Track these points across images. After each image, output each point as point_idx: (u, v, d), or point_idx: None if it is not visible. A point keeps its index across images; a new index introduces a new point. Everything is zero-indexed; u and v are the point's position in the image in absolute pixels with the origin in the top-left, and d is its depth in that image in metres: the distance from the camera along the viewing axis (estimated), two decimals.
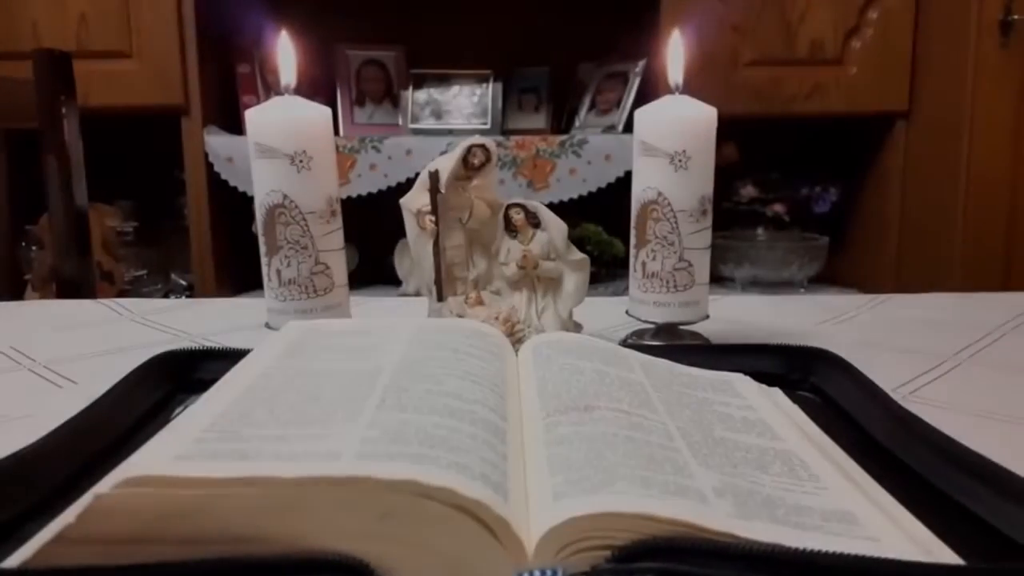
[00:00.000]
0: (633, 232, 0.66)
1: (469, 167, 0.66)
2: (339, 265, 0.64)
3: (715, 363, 0.54)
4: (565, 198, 1.81)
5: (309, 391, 0.39)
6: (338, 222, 0.64)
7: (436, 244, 0.67)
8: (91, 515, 0.29)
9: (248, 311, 0.83)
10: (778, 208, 1.91)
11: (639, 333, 0.68)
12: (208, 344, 0.73)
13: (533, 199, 0.66)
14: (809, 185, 1.92)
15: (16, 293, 1.85)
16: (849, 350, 0.69)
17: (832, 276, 1.98)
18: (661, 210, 0.64)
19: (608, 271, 1.89)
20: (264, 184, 0.62)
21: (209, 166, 1.79)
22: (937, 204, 1.72)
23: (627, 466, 0.34)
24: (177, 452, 0.32)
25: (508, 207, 0.67)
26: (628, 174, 0.64)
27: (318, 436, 0.34)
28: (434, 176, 0.65)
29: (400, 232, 0.68)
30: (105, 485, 0.30)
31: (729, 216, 1.95)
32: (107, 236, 1.83)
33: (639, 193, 0.65)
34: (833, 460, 0.40)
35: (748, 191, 1.92)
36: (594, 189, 1.82)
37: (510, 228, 0.68)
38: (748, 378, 0.52)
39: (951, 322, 0.78)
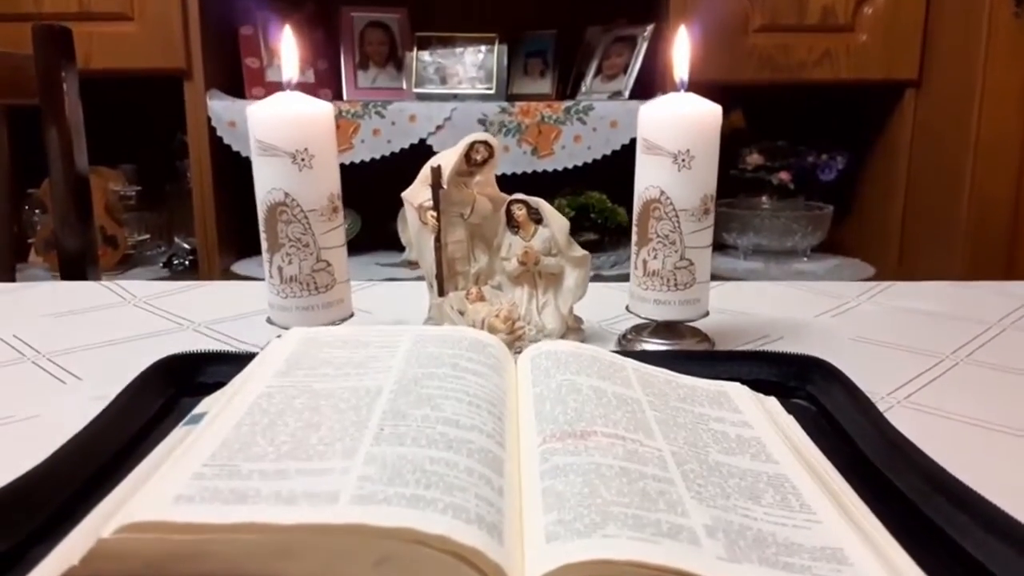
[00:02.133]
0: (635, 230, 0.66)
1: (471, 163, 0.66)
2: (341, 261, 0.64)
3: (712, 371, 0.55)
4: (570, 165, 1.80)
5: (307, 417, 0.40)
6: (339, 218, 0.64)
7: (437, 239, 0.67)
8: (94, 558, 0.30)
9: (250, 297, 0.84)
10: (784, 176, 1.90)
11: (639, 328, 0.69)
12: (211, 333, 0.73)
13: (537, 166, 0.66)
14: (815, 153, 1.90)
15: (20, 257, 1.86)
16: (846, 347, 0.69)
17: (836, 245, 1.98)
18: (663, 209, 0.63)
19: (612, 239, 1.89)
20: (265, 182, 0.62)
21: (212, 130, 1.78)
22: (944, 174, 1.70)
23: (620, 504, 0.34)
24: (177, 491, 0.32)
25: (510, 203, 0.67)
26: (634, 141, 0.63)
27: (316, 472, 0.34)
28: (436, 171, 0.65)
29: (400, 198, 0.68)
30: (108, 529, 0.30)
31: (734, 184, 1.94)
32: (110, 200, 1.83)
33: (641, 191, 0.65)
34: (825, 484, 0.41)
35: (754, 159, 1.91)
36: (599, 157, 1.80)
37: (512, 224, 0.68)
38: (744, 388, 0.52)
39: (950, 315, 0.78)
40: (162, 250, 2.00)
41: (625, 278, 0.68)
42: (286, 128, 0.60)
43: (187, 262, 1.92)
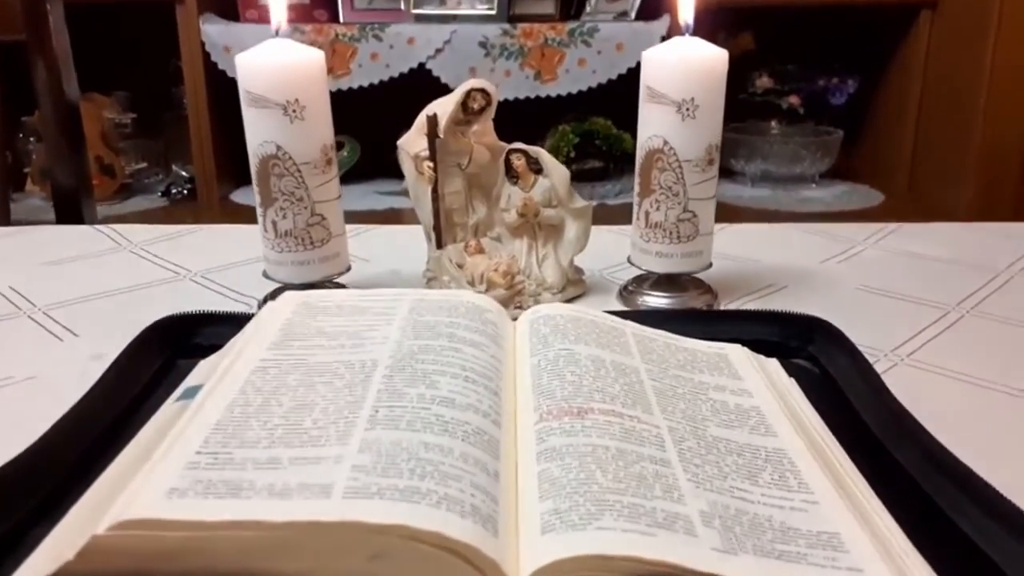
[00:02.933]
0: (637, 180, 0.64)
1: (468, 111, 0.64)
2: (336, 215, 0.63)
3: (713, 331, 0.54)
4: (574, 90, 1.76)
5: (302, 395, 0.39)
6: (333, 171, 0.62)
7: (435, 190, 0.65)
8: (87, 554, 0.30)
9: (247, 243, 0.82)
10: (793, 100, 1.85)
11: (640, 280, 0.68)
12: (207, 283, 0.73)
13: (540, 92, 0.64)
14: (826, 77, 1.85)
15: (17, 186, 1.84)
16: (851, 298, 0.69)
17: (845, 171, 1.95)
18: (666, 159, 0.62)
19: (617, 166, 1.86)
20: (256, 135, 0.60)
21: (206, 55, 1.74)
22: (957, 99, 1.66)
23: (616, 491, 0.34)
24: (171, 484, 0.32)
25: (509, 152, 0.66)
26: (640, 64, 0.61)
27: (310, 461, 0.34)
28: (432, 120, 0.63)
29: (402, 124, 0.66)
30: (102, 525, 0.30)
31: (743, 108, 1.90)
32: (105, 128, 1.80)
33: (644, 141, 0.63)
34: (824, 458, 0.41)
35: (763, 82, 1.86)
36: (604, 81, 1.76)
37: (511, 174, 0.66)
38: (745, 350, 0.52)
39: (958, 261, 0.77)
40: (160, 178, 1.98)
41: (629, 208, 0.66)
42: (276, 78, 0.58)
43: (185, 190, 1.91)
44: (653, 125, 0.62)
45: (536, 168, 0.65)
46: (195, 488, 0.32)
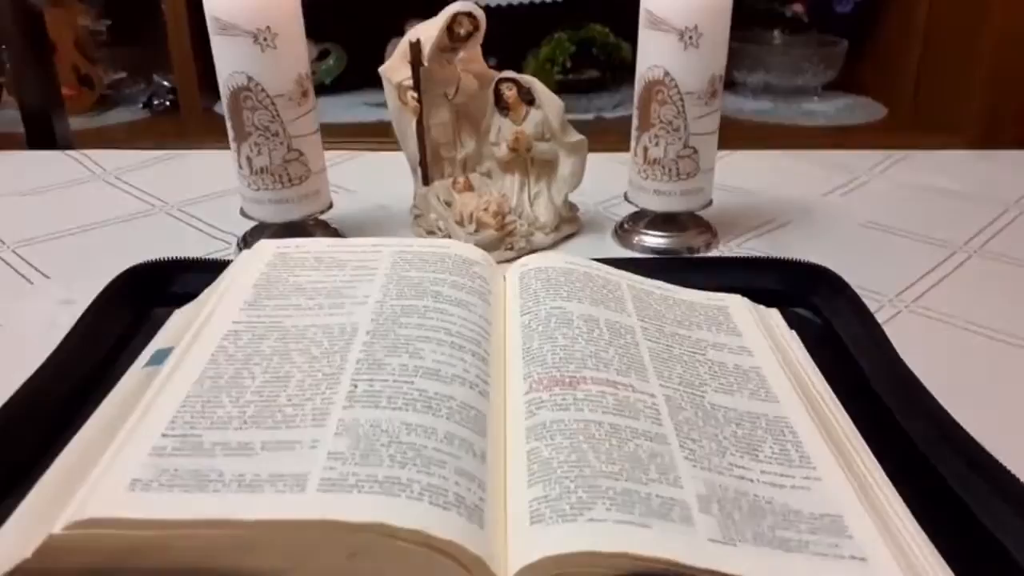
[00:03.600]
0: (636, 113, 0.61)
1: (455, 37, 0.60)
2: (314, 150, 0.59)
3: (713, 279, 0.52)
4: None
5: (276, 366, 0.37)
6: (310, 103, 0.58)
7: (420, 123, 0.61)
8: (44, 552, 0.28)
9: (226, 171, 0.79)
10: (797, 8, 1.78)
11: (637, 217, 0.65)
12: (184, 217, 0.69)
13: None
14: None
15: None
16: (855, 236, 0.66)
17: (848, 83, 1.88)
18: (667, 92, 0.58)
19: (615, 77, 1.79)
20: (226, 65, 0.56)
21: None
22: (967, 9, 1.59)
23: (609, 474, 0.32)
24: (133, 474, 0.30)
25: (499, 82, 0.62)
26: None
27: (283, 447, 0.32)
28: (415, 47, 0.59)
29: (391, 31, 0.62)
30: (59, 522, 0.28)
31: (745, 16, 1.81)
32: (80, 36, 1.72)
33: (643, 72, 0.59)
34: (826, 425, 0.39)
35: None
36: None
37: (501, 105, 0.62)
38: (745, 301, 0.49)
39: (966, 194, 0.74)
40: (142, 88, 1.91)
41: (628, 121, 0.62)
42: (245, 4, 0.54)
43: (168, 102, 1.84)
44: (653, 54, 0.58)
45: (528, 99, 0.61)
46: (160, 479, 0.30)
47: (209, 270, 0.50)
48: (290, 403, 0.34)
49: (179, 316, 0.47)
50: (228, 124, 0.58)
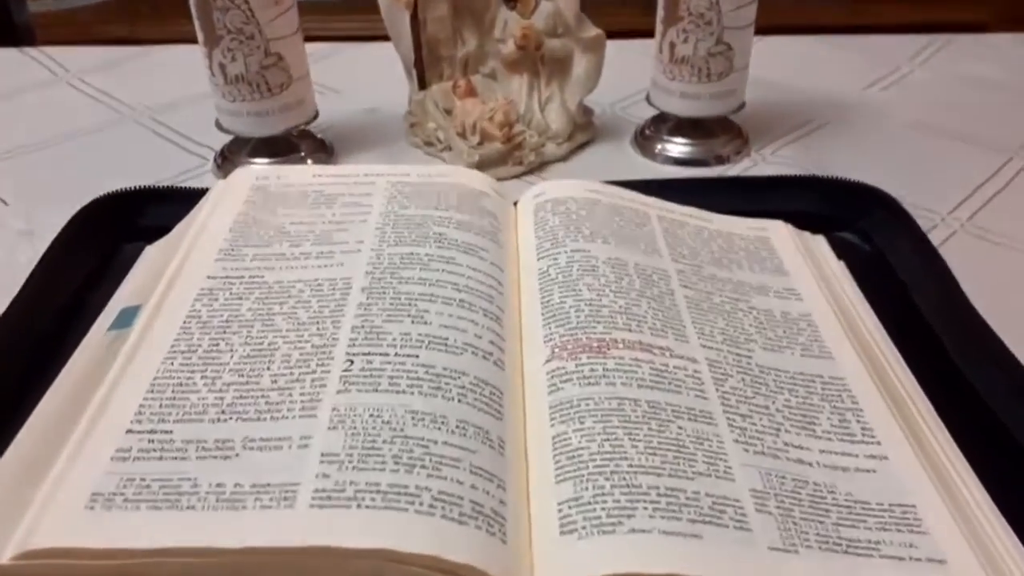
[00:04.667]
0: (661, 4, 0.53)
1: None
2: (296, 54, 0.52)
3: (751, 202, 0.46)
4: None
5: (258, 336, 0.32)
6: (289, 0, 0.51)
7: (415, 17, 0.54)
8: None
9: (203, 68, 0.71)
10: None
11: (659, 122, 0.58)
12: (155, 127, 0.63)
13: None
14: None
15: None
16: (900, 139, 0.59)
17: None
18: None
19: None
20: None
21: None
22: None
23: (651, 469, 0.28)
24: (93, 485, 0.26)
25: None
26: None
27: (268, 446, 0.27)
28: None
29: None
30: (5, 552, 0.24)
31: None
32: None
33: None
34: (887, 385, 0.34)
35: None
36: None
37: None
38: (788, 228, 0.44)
39: (1016, 87, 0.67)
40: None
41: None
42: None
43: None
44: None
45: None
46: (124, 491, 0.25)
47: (182, 200, 0.44)
48: (275, 385, 0.29)
49: (151, 254, 0.42)
50: (197, 27, 0.51)
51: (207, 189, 0.44)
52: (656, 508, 0.26)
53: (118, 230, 0.46)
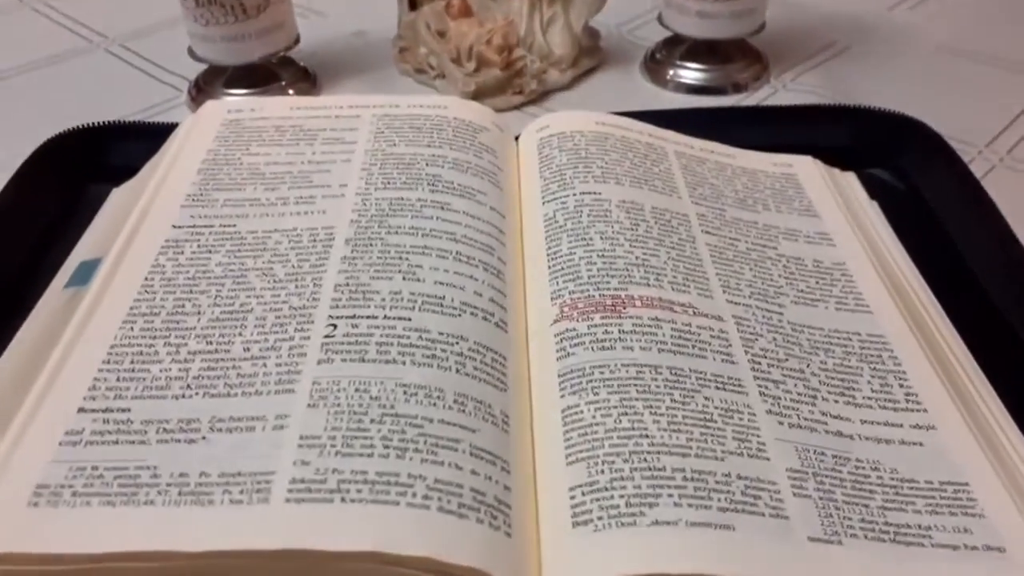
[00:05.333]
0: None
1: None
2: None
3: (774, 135, 0.42)
4: None
5: (228, 296, 0.28)
6: None
7: None
8: None
9: None
10: None
11: (672, 45, 0.53)
12: (127, 56, 0.58)
13: None
14: None
15: None
16: (931, 64, 0.55)
17: None
18: None
19: None
20: None
21: None
22: None
23: (675, 448, 0.24)
24: (39, 475, 0.22)
25: None
26: None
27: (240, 427, 0.24)
28: None
29: None
30: None
31: None
32: None
33: None
34: (929, 341, 0.31)
35: None
36: None
37: None
38: (817, 165, 0.40)
39: None
40: None
41: None
42: None
43: None
44: None
45: None
46: (73, 484, 0.22)
47: (153, 136, 0.40)
48: (248, 354, 0.26)
49: (117, 198, 0.38)
50: None
51: (177, 124, 0.40)
52: (682, 495, 0.23)
53: (83, 170, 0.42)
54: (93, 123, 0.43)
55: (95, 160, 0.43)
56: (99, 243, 0.33)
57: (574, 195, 0.34)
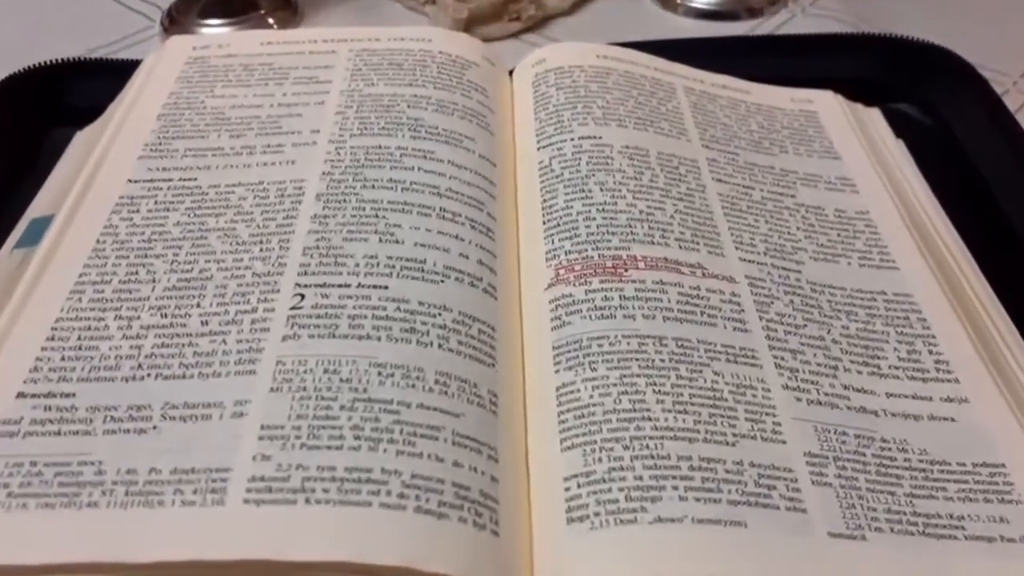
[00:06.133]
0: None
1: None
2: None
3: (790, 67, 0.38)
4: None
5: (186, 261, 0.25)
6: None
7: None
8: None
9: None
10: None
11: None
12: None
13: None
14: None
15: None
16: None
17: None
18: None
19: None
20: None
21: None
22: None
23: (681, 432, 0.22)
24: None
25: None
26: None
27: (195, 415, 0.21)
28: None
29: None
30: None
31: None
32: None
33: None
34: (962, 302, 0.28)
35: None
36: None
37: None
38: (838, 100, 0.36)
39: None
40: None
41: None
42: None
43: None
44: None
45: None
46: (9, 484, 0.20)
47: (120, 73, 0.37)
48: (206, 328, 0.23)
49: (79, 144, 0.35)
50: None
51: (140, 62, 0.36)
52: (688, 487, 0.21)
53: (43, 112, 0.39)
54: (54, 60, 0.40)
55: (57, 101, 0.39)
56: (55, 198, 0.30)
57: (572, 140, 0.30)
